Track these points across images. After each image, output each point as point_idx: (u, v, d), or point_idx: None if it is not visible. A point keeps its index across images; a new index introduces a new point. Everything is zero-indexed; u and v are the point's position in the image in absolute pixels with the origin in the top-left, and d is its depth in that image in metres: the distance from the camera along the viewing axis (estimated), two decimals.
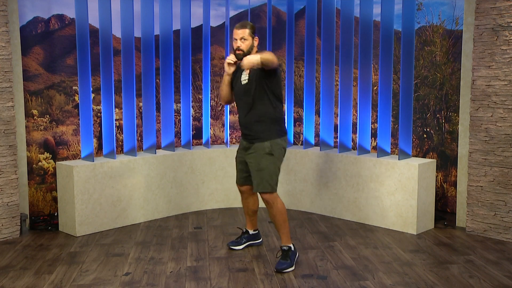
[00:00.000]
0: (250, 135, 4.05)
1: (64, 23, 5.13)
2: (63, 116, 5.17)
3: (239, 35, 3.95)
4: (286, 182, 5.60)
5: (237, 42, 3.96)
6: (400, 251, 4.36)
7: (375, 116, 5.38)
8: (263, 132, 3.99)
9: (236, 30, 3.97)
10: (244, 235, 4.45)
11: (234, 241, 4.44)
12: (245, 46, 3.95)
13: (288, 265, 3.94)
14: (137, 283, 3.73)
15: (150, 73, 5.25)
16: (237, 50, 3.96)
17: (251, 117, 4.00)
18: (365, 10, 5.04)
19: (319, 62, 5.58)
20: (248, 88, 3.98)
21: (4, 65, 4.57)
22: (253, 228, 4.46)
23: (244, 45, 3.95)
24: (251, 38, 3.97)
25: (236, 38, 3.96)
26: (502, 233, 4.61)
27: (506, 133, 4.53)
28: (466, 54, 4.79)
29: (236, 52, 3.97)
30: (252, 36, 3.99)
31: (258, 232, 4.50)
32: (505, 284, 3.69)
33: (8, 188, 4.66)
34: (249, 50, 3.96)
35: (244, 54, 3.93)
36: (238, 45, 3.96)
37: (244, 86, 4.00)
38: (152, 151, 5.34)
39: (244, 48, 3.95)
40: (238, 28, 3.97)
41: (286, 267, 3.92)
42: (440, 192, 5.30)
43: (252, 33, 3.98)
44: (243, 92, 4.02)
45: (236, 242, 4.42)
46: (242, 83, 4.01)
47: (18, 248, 4.45)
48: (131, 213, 5.11)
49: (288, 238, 4.04)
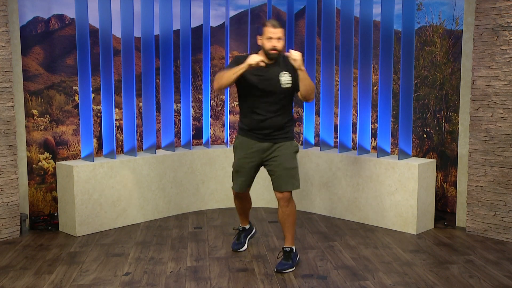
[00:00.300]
0: (276, 136, 3.95)
1: (64, 23, 5.13)
2: (63, 116, 5.17)
3: (276, 34, 3.78)
4: None
5: (272, 41, 3.78)
6: (400, 251, 4.36)
7: (375, 116, 5.38)
8: (291, 132, 4.01)
9: (272, 29, 3.78)
10: (242, 234, 4.45)
11: (236, 243, 4.42)
12: (281, 45, 3.82)
13: (289, 266, 3.94)
14: (137, 283, 3.73)
15: (150, 73, 5.25)
16: (273, 49, 3.79)
17: (280, 118, 3.93)
18: (365, 10, 5.04)
19: (319, 62, 5.58)
20: (287, 91, 3.90)
21: (4, 65, 4.57)
22: (247, 223, 4.48)
23: (280, 44, 3.81)
24: (284, 38, 3.86)
25: (272, 37, 3.78)
26: (502, 233, 4.61)
27: (506, 133, 4.53)
28: (466, 54, 4.79)
29: (271, 52, 3.81)
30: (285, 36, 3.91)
31: (251, 224, 4.53)
32: (505, 284, 3.69)
33: (8, 188, 4.66)
34: (283, 51, 3.88)
35: (279, 54, 3.85)
36: (274, 45, 3.79)
37: (285, 90, 3.89)
38: (152, 151, 5.34)
39: (280, 48, 3.82)
40: (274, 27, 3.79)
41: (287, 267, 3.92)
42: (440, 192, 5.30)
43: (285, 32, 3.89)
44: (279, 94, 3.89)
45: (239, 243, 4.41)
46: (283, 86, 3.87)
47: (18, 248, 4.45)
48: (131, 213, 5.11)
49: (292, 240, 4.02)
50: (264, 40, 3.84)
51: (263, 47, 3.85)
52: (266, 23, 3.85)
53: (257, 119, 3.94)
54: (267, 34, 3.80)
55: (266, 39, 3.82)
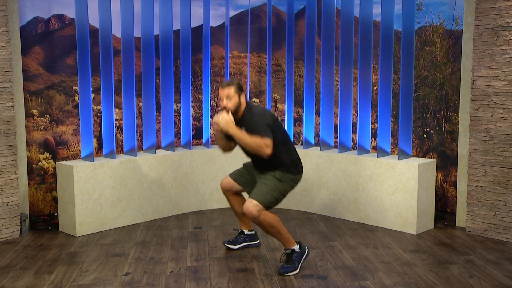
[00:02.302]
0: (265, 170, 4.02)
1: (64, 23, 5.13)
2: (63, 116, 5.17)
3: (224, 94, 3.89)
4: None
5: (223, 101, 3.89)
6: (400, 251, 4.36)
7: (375, 116, 5.38)
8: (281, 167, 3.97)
9: (221, 89, 3.91)
10: (240, 236, 4.43)
11: (230, 240, 4.43)
12: (232, 104, 3.89)
13: (292, 268, 3.88)
14: (137, 283, 3.73)
15: (150, 73, 5.25)
16: (224, 109, 3.89)
17: (267, 162, 3.95)
18: (365, 10, 5.04)
19: (319, 62, 5.58)
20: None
21: (4, 65, 4.57)
22: (248, 228, 4.43)
23: (231, 103, 3.89)
24: (237, 95, 3.90)
25: (222, 97, 3.90)
26: (502, 233, 4.61)
27: (506, 133, 4.53)
28: (466, 54, 4.79)
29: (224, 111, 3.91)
30: (239, 94, 3.91)
31: (255, 233, 4.46)
32: (505, 284, 3.69)
33: (8, 188, 4.66)
34: (236, 108, 3.90)
35: (233, 112, 3.90)
36: (224, 104, 3.89)
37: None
38: (152, 151, 5.34)
39: (231, 107, 3.89)
40: (223, 87, 3.91)
41: (289, 270, 3.87)
42: (440, 192, 5.30)
43: (238, 89, 3.91)
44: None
45: (232, 241, 4.41)
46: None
47: (18, 248, 4.45)
48: (131, 213, 5.11)
49: (288, 241, 3.95)
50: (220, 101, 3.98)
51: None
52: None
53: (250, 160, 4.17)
54: (220, 95, 3.94)
55: (220, 100, 3.94)
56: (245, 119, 3.94)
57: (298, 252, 3.95)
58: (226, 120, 3.82)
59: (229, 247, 4.38)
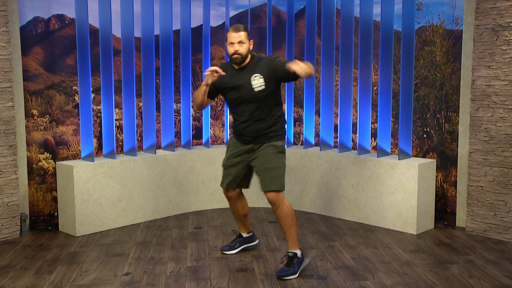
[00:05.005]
0: (259, 138, 3.92)
1: (64, 23, 5.13)
2: (63, 116, 5.17)
3: (236, 39, 3.78)
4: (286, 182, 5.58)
5: (234, 46, 3.79)
6: (400, 251, 4.36)
7: (375, 116, 5.38)
8: (276, 133, 3.92)
9: (232, 33, 3.80)
10: (237, 239, 4.37)
11: (227, 245, 4.37)
12: (244, 49, 3.81)
13: (291, 272, 3.81)
14: (137, 283, 3.73)
15: (150, 73, 5.25)
16: (235, 54, 3.79)
17: (262, 123, 3.88)
18: (365, 10, 5.04)
19: (319, 62, 5.58)
20: (262, 94, 3.83)
21: (4, 65, 4.58)
22: (247, 231, 4.37)
23: (243, 48, 3.80)
24: (248, 41, 3.83)
25: (233, 42, 3.78)
26: (502, 233, 4.61)
27: (506, 133, 4.53)
28: (466, 54, 4.79)
29: (233, 57, 3.81)
30: (249, 39, 3.84)
31: (253, 234, 4.40)
32: (505, 284, 3.69)
33: (8, 188, 4.66)
34: (247, 54, 3.84)
35: (242, 58, 3.82)
36: (236, 49, 3.78)
37: (259, 93, 3.83)
38: (152, 151, 5.34)
39: (243, 52, 3.80)
40: (235, 31, 3.79)
41: (288, 274, 3.80)
42: (440, 192, 5.30)
43: (248, 35, 3.84)
44: (254, 98, 3.84)
45: (230, 246, 4.35)
46: (256, 90, 3.82)
47: (18, 248, 4.45)
48: (131, 213, 5.11)
49: (294, 243, 3.89)
50: (227, 45, 3.85)
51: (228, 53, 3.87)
52: (229, 29, 3.86)
53: (239, 124, 3.97)
54: (229, 39, 3.82)
55: (229, 45, 3.83)
56: (252, 65, 3.85)
57: (299, 258, 3.89)
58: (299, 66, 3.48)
59: (227, 253, 4.30)
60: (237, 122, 3.98)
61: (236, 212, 4.27)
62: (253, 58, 3.89)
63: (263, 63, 3.85)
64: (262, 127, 3.90)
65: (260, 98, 3.84)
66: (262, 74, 3.82)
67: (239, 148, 4.03)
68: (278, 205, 3.84)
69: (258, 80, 3.83)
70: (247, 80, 3.85)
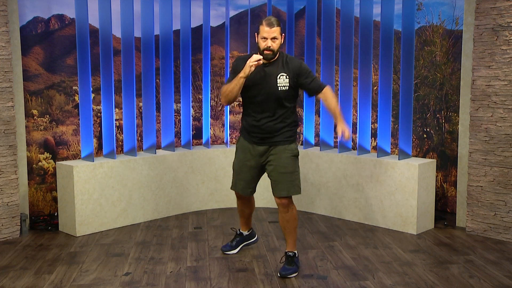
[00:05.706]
0: (274, 139, 3.86)
1: (64, 23, 5.13)
2: (63, 116, 5.17)
3: (270, 34, 3.65)
4: None
5: (267, 42, 3.67)
6: (400, 251, 4.36)
7: (375, 116, 5.38)
8: (290, 135, 3.90)
9: (267, 28, 3.65)
10: (236, 238, 4.37)
11: (227, 245, 4.37)
12: (276, 45, 3.69)
13: (293, 270, 3.86)
14: (137, 283, 3.73)
15: (150, 73, 5.25)
16: (267, 50, 3.68)
17: (277, 122, 3.83)
18: (365, 10, 5.04)
19: (319, 62, 5.58)
20: (284, 94, 3.79)
21: (4, 65, 4.57)
22: (247, 229, 4.38)
23: (275, 44, 3.68)
24: (280, 37, 3.70)
25: (267, 37, 3.66)
26: (502, 233, 4.61)
27: (506, 133, 4.53)
28: (466, 54, 4.79)
29: (264, 52, 3.69)
30: (281, 34, 3.71)
31: (252, 231, 4.42)
32: (505, 284, 3.69)
33: (8, 188, 4.66)
34: (278, 50, 3.76)
35: (273, 55, 3.73)
36: (269, 45, 3.67)
37: (282, 92, 3.78)
38: (152, 151, 5.34)
39: (275, 48, 3.69)
40: (270, 26, 3.65)
41: (291, 272, 3.84)
42: (440, 192, 5.30)
43: (281, 30, 3.71)
44: (276, 96, 3.78)
45: (230, 246, 4.35)
46: (280, 89, 3.76)
47: (18, 248, 4.45)
48: (131, 213, 5.11)
49: (294, 244, 3.95)
50: (259, 39, 3.74)
51: (258, 46, 3.77)
52: (262, 21, 3.72)
53: (253, 121, 3.88)
54: (262, 33, 3.70)
55: (261, 39, 3.72)
56: (280, 63, 3.79)
57: (297, 257, 3.96)
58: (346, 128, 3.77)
59: (228, 253, 4.31)
60: (251, 118, 3.89)
61: (242, 211, 4.28)
62: (281, 55, 3.82)
63: (291, 66, 3.79)
64: (275, 128, 3.85)
65: (281, 97, 3.80)
66: (288, 75, 3.79)
67: (252, 151, 3.95)
68: (288, 208, 3.87)
69: (284, 80, 3.78)
70: (274, 77, 3.78)
